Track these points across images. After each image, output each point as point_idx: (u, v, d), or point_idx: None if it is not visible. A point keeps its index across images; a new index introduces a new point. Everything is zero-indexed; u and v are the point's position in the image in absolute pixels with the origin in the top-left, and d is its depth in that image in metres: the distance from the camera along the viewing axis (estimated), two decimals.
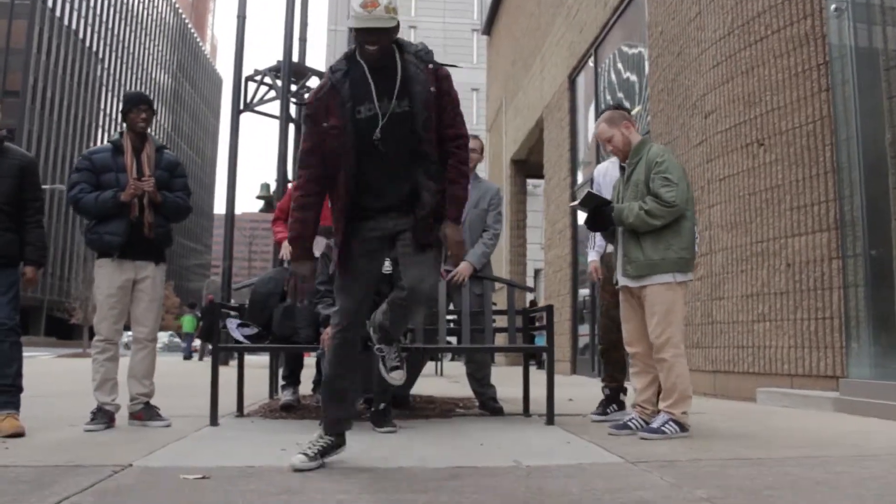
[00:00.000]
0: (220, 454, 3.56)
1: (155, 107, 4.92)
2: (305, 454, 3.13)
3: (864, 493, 2.64)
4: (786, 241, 6.56)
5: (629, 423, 4.39)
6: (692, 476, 2.96)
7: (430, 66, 3.18)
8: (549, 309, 4.90)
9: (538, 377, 5.61)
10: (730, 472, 3.04)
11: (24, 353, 4.54)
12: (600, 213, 4.39)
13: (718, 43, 7.58)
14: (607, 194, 5.01)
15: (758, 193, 6.94)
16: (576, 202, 4.68)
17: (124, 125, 4.74)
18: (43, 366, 16.06)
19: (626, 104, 10.64)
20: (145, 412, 4.57)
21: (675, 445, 3.79)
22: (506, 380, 5.87)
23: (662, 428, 4.08)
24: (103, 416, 4.43)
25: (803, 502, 2.47)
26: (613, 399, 5.09)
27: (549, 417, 4.69)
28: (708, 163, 7.67)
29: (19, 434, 4.02)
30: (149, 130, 4.77)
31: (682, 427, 4.15)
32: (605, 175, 5.20)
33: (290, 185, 5.80)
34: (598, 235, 5.17)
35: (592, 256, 5.37)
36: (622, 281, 4.39)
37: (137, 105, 4.68)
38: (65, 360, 20.14)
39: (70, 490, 2.65)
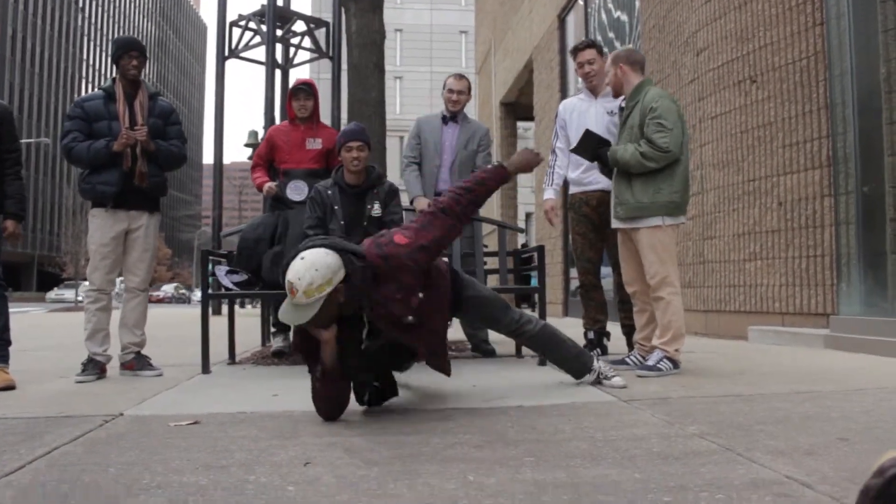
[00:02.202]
0: (212, 401, 3.55)
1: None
2: None
3: (853, 425, 2.64)
4: (778, 179, 6.52)
5: (626, 360, 4.41)
6: (684, 413, 2.96)
7: None
8: (541, 249, 4.87)
9: None
10: (721, 409, 3.04)
11: (19, 309, 4.51)
12: (598, 155, 4.35)
13: None
14: (573, 130, 4.96)
15: (750, 131, 6.88)
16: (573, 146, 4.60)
17: (116, 72, 4.61)
18: (34, 320, 16.06)
19: (617, 45, 10.49)
20: (137, 361, 4.55)
21: (668, 383, 3.80)
22: None
23: (658, 365, 4.09)
24: (94, 367, 4.40)
25: (793, 436, 2.47)
26: (597, 343, 5.07)
27: (542, 359, 4.69)
28: (700, 101, 7.59)
29: (10, 387, 4.00)
30: (142, 77, 4.64)
31: (676, 364, 4.17)
32: (572, 111, 5.11)
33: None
34: (556, 173, 5.11)
35: (549, 194, 5.14)
36: (614, 223, 4.37)
37: (128, 51, 4.53)
38: (57, 315, 20.13)
39: (60, 440, 2.64)
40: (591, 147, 4.36)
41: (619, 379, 3.66)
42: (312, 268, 2.73)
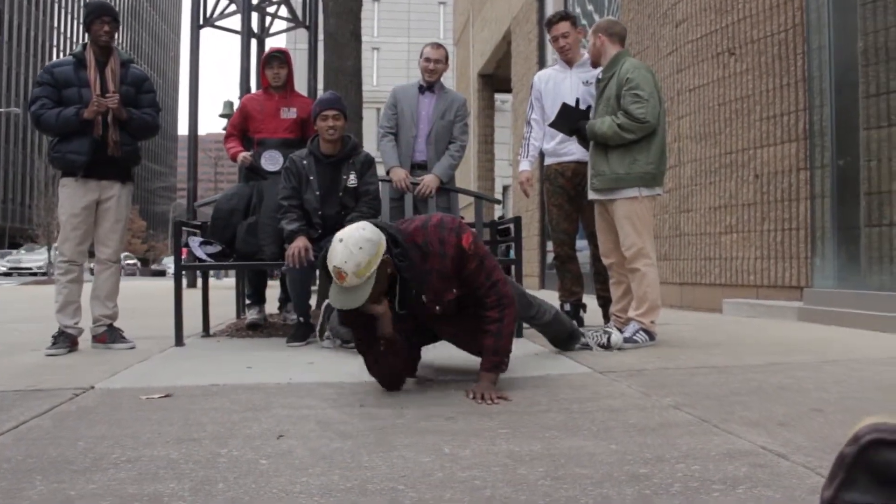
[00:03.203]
0: (184, 373, 3.50)
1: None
2: None
3: (826, 396, 2.66)
4: (755, 151, 6.53)
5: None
6: (660, 384, 2.96)
7: None
8: (517, 221, 4.85)
9: None
10: (697, 380, 3.05)
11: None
12: (576, 129, 4.32)
13: None
14: (548, 102, 4.94)
15: (728, 104, 6.86)
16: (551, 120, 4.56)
17: (87, 38, 4.48)
18: (5, 293, 15.85)
19: (586, 19, 10.41)
20: (109, 334, 4.47)
21: (643, 355, 3.81)
22: None
23: (634, 337, 4.10)
24: (65, 340, 4.31)
25: (768, 406, 2.48)
26: (574, 315, 5.06)
27: (518, 331, 4.68)
28: (678, 73, 7.56)
29: None
30: (114, 44, 4.50)
31: (651, 336, 4.18)
32: (547, 82, 5.08)
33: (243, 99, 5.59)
34: (531, 145, 5.08)
35: (524, 166, 5.12)
36: (590, 195, 4.35)
37: (100, 16, 4.38)
38: (28, 287, 19.88)
39: (28, 413, 2.59)
40: (570, 121, 4.33)
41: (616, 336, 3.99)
42: (356, 247, 2.62)
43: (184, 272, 4.78)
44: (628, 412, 2.48)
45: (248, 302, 5.72)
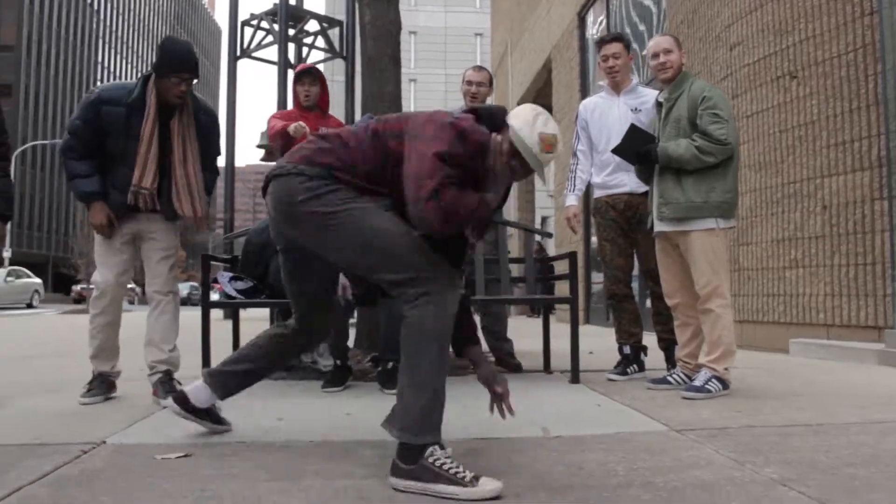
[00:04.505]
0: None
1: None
2: None
3: None
4: (822, 181, 6.08)
5: (669, 379, 4.02)
6: (751, 449, 2.54)
7: None
8: (572, 256, 4.46)
9: (540, 326, 5.20)
10: (793, 443, 2.62)
11: (35, 311, 4.08)
12: (644, 153, 3.92)
13: None
14: (595, 131, 4.61)
15: (790, 130, 6.44)
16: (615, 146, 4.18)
17: (152, 80, 3.69)
18: (45, 322, 15.73)
19: (634, 45, 10.06)
20: (161, 386, 3.72)
21: (719, 408, 3.38)
22: (514, 331, 5.43)
23: (706, 386, 3.68)
24: (101, 385, 3.83)
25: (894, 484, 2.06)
26: (634, 359, 4.64)
27: (574, 375, 4.29)
28: (734, 98, 7.15)
29: None
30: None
31: (725, 384, 3.76)
32: (594, 111, 4.71)
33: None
34: (578, 177, 4.71)
35: (571, 200, 4.71)
36: (658, 226, 3.95)
37: (179, 72, 3.61)
38: (68, 317, 19.82)
39: (26, 477, 2.25)
40: (636, 145, 3.94)
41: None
42: (545, 114, 2.40)
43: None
44: (725, 489, 2.06)
45: None
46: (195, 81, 3.72)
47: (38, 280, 30.82)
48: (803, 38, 6.36)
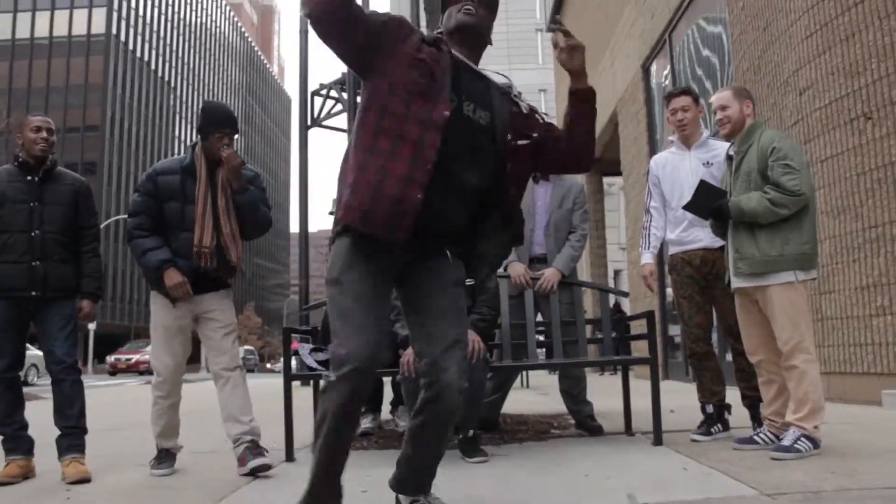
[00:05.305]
0: (293, 500, 3.19)
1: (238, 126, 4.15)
2: None
3: None
4: None
5: (756, 438, 3.90)
6: None
7: None
8: (650, 316, 4.41)
9: (617, 384, 5.11)
10: None
11: (122, 381, 4.25)
12: (716, 209, 3.89)
13: (810, 11, 6.94)
14: (667, 187, 4.58)
15: (868, 173, 6.29)
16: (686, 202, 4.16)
17: (198, 144, 4.04)
18: (130, 392, 16.18)
19: (695, 89, 10.02)
20: (249, 451, 3.82)
21: (812, 469, 3.27)
22: (592, 389, 5.36)
23: (796, 445, 3.56)
24: (169, 457, 4.04)
25: None
26: (718, 418, 4.52)
27: (657, 437, 4.20)
28: (806, 143, 7.03)
29: (85, 480, 3.75)
30: None
31: (816, 443, 3.62)
32: (665, 166, 4.68)
33: None
34: (652, 234, 4.66)
35: (647, 259, 4.66)
36: (735, 282, 3.89)
37: (220, 128, 3.94)
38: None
39: None
40: (708, 201, 3.92)
41: None
42: None
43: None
44: None
45: (363, 408, 5.43)
46: (236, 137, 4.00)
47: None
48: (876, 78, 6.25)
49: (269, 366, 53.45)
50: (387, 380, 6.22)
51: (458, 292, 2.55)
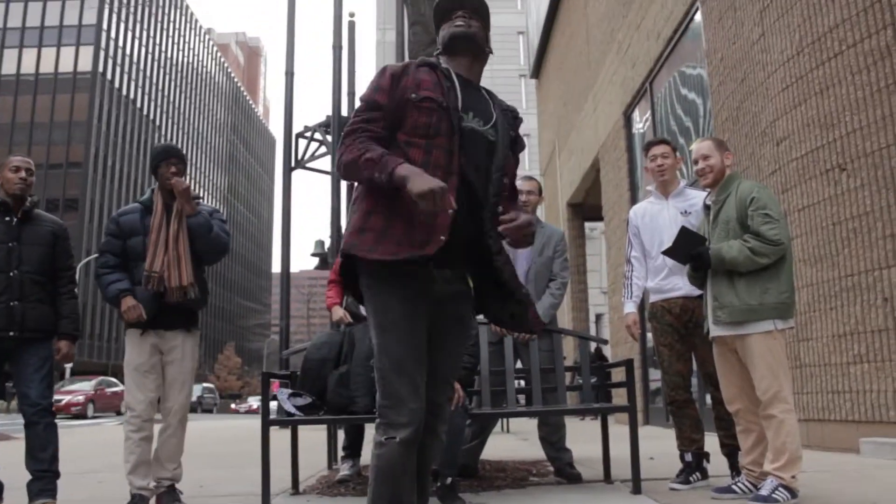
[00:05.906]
0: None
1: (188, 160, 4.47)
2: None
3: None
4: (880, 272, 5.98)
5: (734, 488, 3.91)
6: None
7: None
8: (629, 364, 4.43)
9: (597, 430, 5.11)
10: None
11: (99, 420, 4.25)
12: (696, 255, 3.94)
13: (787, 64, 7.11)
14: (647, 236, 4.65)
15: (843, 223, 6.39)
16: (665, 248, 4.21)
17: (155, 182, 4.33)
18: (107, 433, 15.93)
19: (680, 140, 10.18)
20: (166, 496, 4.10)
21: None
22: (570, 435, 5.34)
23: (773, 495, 3.57)
24: (141, 502, 4.02)
25: None
26: (696, 466, 4.52)
27: (636, 485, 4.19)
28: (784, 193, 7.15)
29: None
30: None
31: (793, 493, 3.63)
32: (644, 216, 4.75)
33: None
34: (634, 284, 4.71)
35: (629, 308, 4.72)
36: (714, 330, 3.92)
37: (166, 158, 4.24)
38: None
39: None
40: (688, 247, 3.96)
41: None
42: None
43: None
44: None
45: (342, 453, 5.38)
46: (184, 167, 4.29)
47: None
48: (850, 130, 6.38)
49: (233, 405, 52.10)
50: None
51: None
